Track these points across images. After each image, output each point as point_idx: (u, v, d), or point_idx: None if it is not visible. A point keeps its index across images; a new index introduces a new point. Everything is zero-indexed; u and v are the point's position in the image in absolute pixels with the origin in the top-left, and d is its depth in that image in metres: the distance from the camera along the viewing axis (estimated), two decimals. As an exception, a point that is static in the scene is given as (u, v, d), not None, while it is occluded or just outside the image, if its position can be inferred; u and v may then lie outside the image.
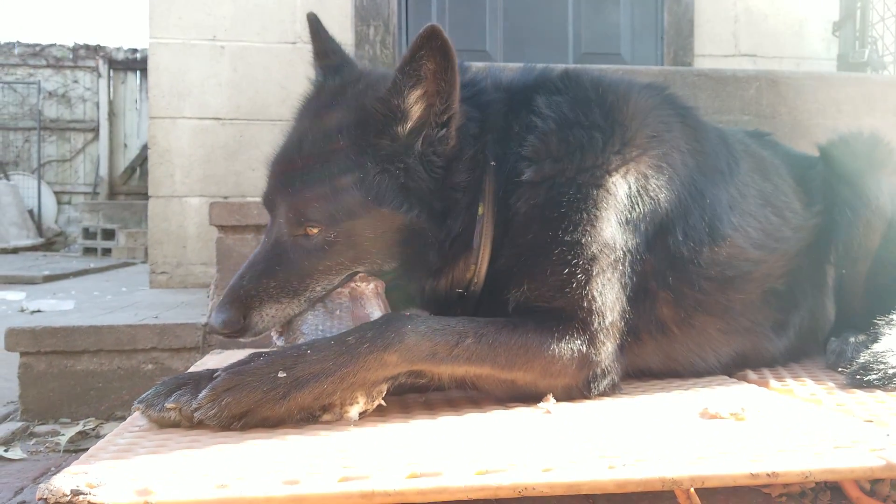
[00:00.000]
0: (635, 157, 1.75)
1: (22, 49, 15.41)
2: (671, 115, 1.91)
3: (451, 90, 1.58)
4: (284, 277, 1.57)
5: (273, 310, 1.57)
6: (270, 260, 1.60)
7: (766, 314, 2.02)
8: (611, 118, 1.77)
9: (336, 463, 1.22)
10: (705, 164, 1.91)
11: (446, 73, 1.56)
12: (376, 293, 1.63)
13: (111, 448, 1.32)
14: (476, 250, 1.70)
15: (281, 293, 1.57)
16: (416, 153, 1.61)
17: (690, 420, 1.51)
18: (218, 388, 1.37)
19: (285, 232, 1.61)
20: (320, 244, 1.57)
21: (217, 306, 1.57)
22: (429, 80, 1.57)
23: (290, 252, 1.60)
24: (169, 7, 4.67)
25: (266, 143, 5.03)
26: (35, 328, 2.69)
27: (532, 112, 1.76)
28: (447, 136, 1.62)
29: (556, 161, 1.70)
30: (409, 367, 1.47)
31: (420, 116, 1.61)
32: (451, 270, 1.71)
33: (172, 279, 4.64)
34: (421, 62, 1.55)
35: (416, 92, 1.59)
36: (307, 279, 1.59)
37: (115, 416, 2.69)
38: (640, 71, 3.35)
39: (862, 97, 3.31)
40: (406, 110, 1.60)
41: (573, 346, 1.60)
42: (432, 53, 1.53)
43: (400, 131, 1.60)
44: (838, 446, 1.33)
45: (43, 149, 15.20)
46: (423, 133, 1.61)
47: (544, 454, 1.27)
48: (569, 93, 1.81)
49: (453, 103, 1.60)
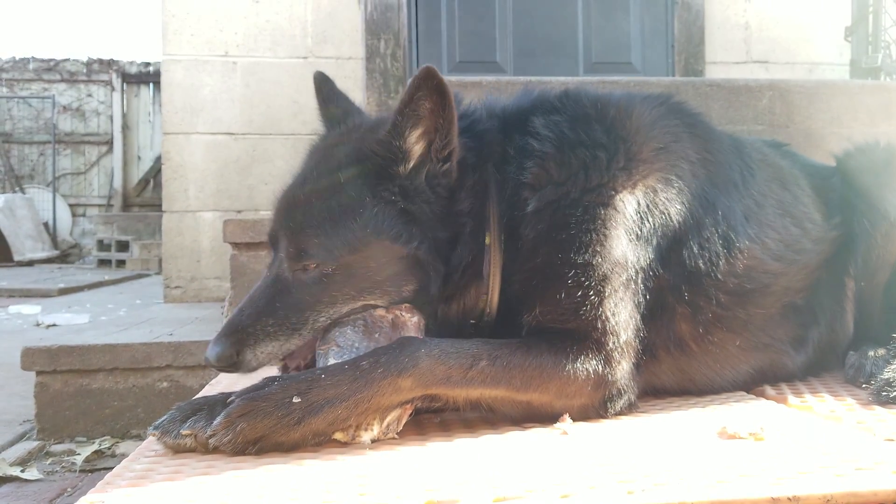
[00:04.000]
0: (642, 172, 1.73)
1: (36, 64, 15.61)
2: (678, 125, 1.88)
3: (450, 126, 1.62)
4: (283, 314, 1.58)
5: (269, 347, 1.57)
6: (270, 296, 1.61)
7: (786, 329, 1.99)
8: (613, 134, 1.75)
9: (353, 490, 1.21)
10: (717, 174, 1.88)
11: (444, 110, 1.59)
12: (418, 327, 1.64)
13: (127, 475, 1.32)
14: (486, 279, 1.70)
15: (278, 331, 1.57)
16: (419, 187, 1.64)
17: (709, 440, 1.50)
18: (233, 414, 1.37)
19: (286, 267, 1.62)
20: (318, 278, 1.59)
21: (214, 339, 1.58)
22: (427, 118, 1.61)
23: (290, 287, 1.61)
24: (182, 24, 4.71)
25: (279, 158, 5.11)
26: (51, 347, 2.71)
27: (528, 134, 1.76)
28: (450, 170, 1.66)
29: (559, 185, 1.69)
30: (424, 391, 1.46)
31: (421, 154, 1.64)
32: (462, 298, 1.72)
33: (186, 293, 4.67)
34: (419, 102, 1.58)
35: (417, 132, 1.62)
36: (307, 312, 1.59)
37: (130, 435, 2.71)
38: (652, 82, 3.34)
39: (878, 105, 3.27)
40: (407, 150, 1.63)
41: (588, 367, 1.58)
42: (429, 93, 1.57)
43: (402, 170, 1.64)
44: (860, 468, 1.31)
45: (58, 162, 15.37)
46: (425, 168, 1.65)
47: (562, 479, 1.25)
48: (567, 111, 1.80)
49: (453, 138, 1.63)
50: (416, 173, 1.64)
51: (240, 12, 4.78)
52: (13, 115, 15.59)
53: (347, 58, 4.79)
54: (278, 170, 4.60)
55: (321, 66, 4.77)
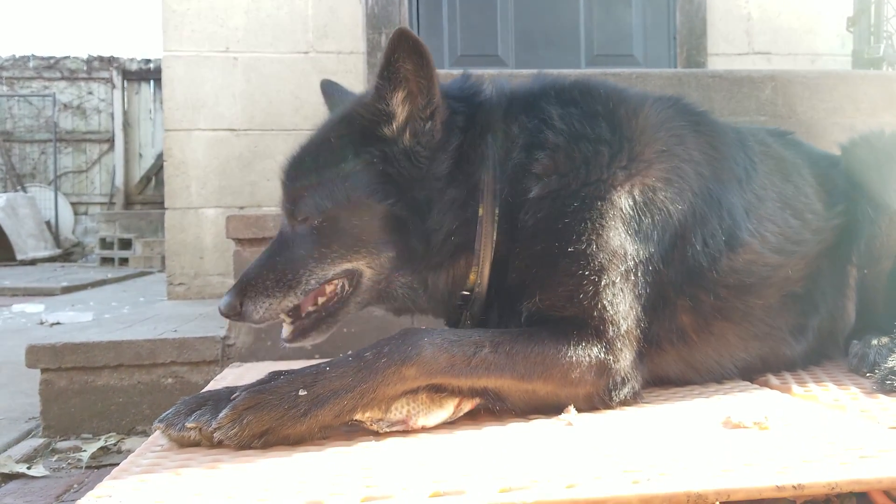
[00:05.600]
0: (642, 171, 1.74)
1: (37, 62, 15.59)
2: (683, 126, 1.89)
3: (431, 85, 1.68)
4: (281, 269, 1.71)
5: (267, 302, 1.70)
6: (273, 252, 1.76)
7: (786, 318, 2.00)
8: (619, 133, 1.77)
9: (359, 482, 1.22)
10: (721, 171, 1.89)
11: (423, 69, 1.65)
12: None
13: (134, 469, 1.33)
14: (478, 252, 1.72)
15: (275, 287, 1.70)
16: (403, 146, 1.71)
17: (713, 430, 1.50)
18: (239, 406, 1.38)
19: (286, 224, 1.77)
20: (309, 231, 1.71)
21: (227, 291, 1.74)
22: (409, 80, 1.67)
23: (289, 243, 1.74)
24: (182, 20, 4.71)
25: (280, 153, 5.06)
26: (55, 345, 2.71)
27: (542, 121, 1.77)
28: (433, 129, 1.71)
29: (563, 176, 1.71)
30: (428, 380, 1.47)
31: (406, 116, 1.71)
32: (452, 268, 1.76)
33: (190, 290, 4.67)
34: (398, 64, 1.65)
35: (400, 93, 1.69)
36: (301, 270, 1.70)
37: (136, 431, 2.71)
38: (654, 74, 3.32)
39: (880, 95, 3.26)
40: (392, 112, 1.71)
41: (590, 353, 1.59)
42: (407, 55, 1.63)
43: (388, 132, 1.71)
44: (864, 456, 1.31)
45: (59, 160, 15.36)
46: (410, 128, 1.71)
47: (567, 469, 1.26)
48: (582, 105, 1.81)
49: (434, 97, 1.69)
50: (402, 134, 1.71)
51: (240, 8, 4.77)
52: (14, 114, 15.57)
53: (349, 52, 4.78)
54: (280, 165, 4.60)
55: (322, 60, 4.77)
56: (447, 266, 1.75)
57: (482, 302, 1.76)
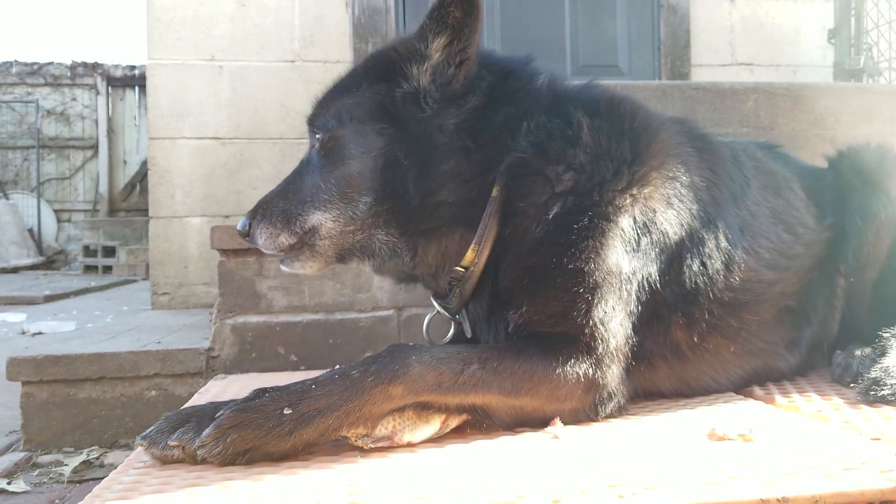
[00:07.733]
0: (647, 195, 1.74)
1: (20, 68, 15.46)
2: (690, 152, 1.90)
3: (472, 35, 1.68)
4: (290, 198, 1.75)
5: (267, 232, 1.74)
6: (292, 177, 1.81)
7: (780, 333, 2.01)
8: (637, 157, 1.75)
9: (344, 497, 1.21)
10: (719, 193, 1.90)
11: (470, 18, 1.66)
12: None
13: (116, 487, 1.31)
14: (482, 232, 1.70)
15: (277, 219, 1.73)
16: (418, 86, 1.71)
17: (698, 442, 1.51)
18: (223, 425, 1.36)
19: (309, 146, 1.81)
20: (318, 154, 1.74)
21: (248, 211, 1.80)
22: (454, 27, 1.67)
23: (305, 167, 1.79)
24: (167, 28, 4.68)
25: (266, 162, 5.09)
26: (37, 357, 2.67)
27: (577, 139, 1.73)
28: (454, 77, 1.70)
29: (579, 195, 1.69)
30: (416, 398, 1.46)
31: (438, 62, 1.71)
32: (445, 239, 1.73)
33: (174, 300, 4.63)
34: (448, 9, 1.65)
35: (441, 39, 1.70)
36: (299, 207, 1.72)
37: (119, 444, 2.68)
38: (639, 86, 3.35)
39: (860, 107, 3.30)
40: (428, 54, 1.71)
41: (578, 370, 1.59)
42: (461, 3, 1.64)
43: (414, 71, 1.71)
44: (847, 468, 1.32)
45: (42, 167, 15.22)
46: (436, 73, 1.71)
47: (554, 484, 1.26)
48: (609, 118, 1.79)
49: (469, 48, 1.69)
50: (423, 75, 1.71)
51: (226, 16, 4.75)
52: (-4, 120, 15.44)
53: (335, 61, 4.77)
54: (266, 174, 4.56)
55: (309, 69, 4.76)
56: (440, 237, 1.73)
57: (474, 283, 1.75)
